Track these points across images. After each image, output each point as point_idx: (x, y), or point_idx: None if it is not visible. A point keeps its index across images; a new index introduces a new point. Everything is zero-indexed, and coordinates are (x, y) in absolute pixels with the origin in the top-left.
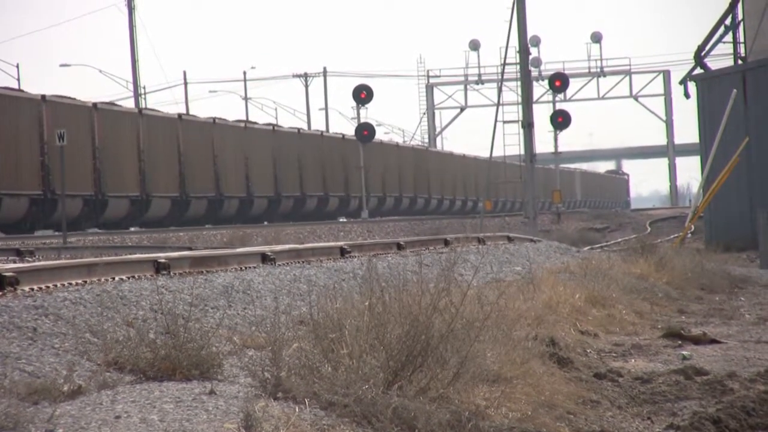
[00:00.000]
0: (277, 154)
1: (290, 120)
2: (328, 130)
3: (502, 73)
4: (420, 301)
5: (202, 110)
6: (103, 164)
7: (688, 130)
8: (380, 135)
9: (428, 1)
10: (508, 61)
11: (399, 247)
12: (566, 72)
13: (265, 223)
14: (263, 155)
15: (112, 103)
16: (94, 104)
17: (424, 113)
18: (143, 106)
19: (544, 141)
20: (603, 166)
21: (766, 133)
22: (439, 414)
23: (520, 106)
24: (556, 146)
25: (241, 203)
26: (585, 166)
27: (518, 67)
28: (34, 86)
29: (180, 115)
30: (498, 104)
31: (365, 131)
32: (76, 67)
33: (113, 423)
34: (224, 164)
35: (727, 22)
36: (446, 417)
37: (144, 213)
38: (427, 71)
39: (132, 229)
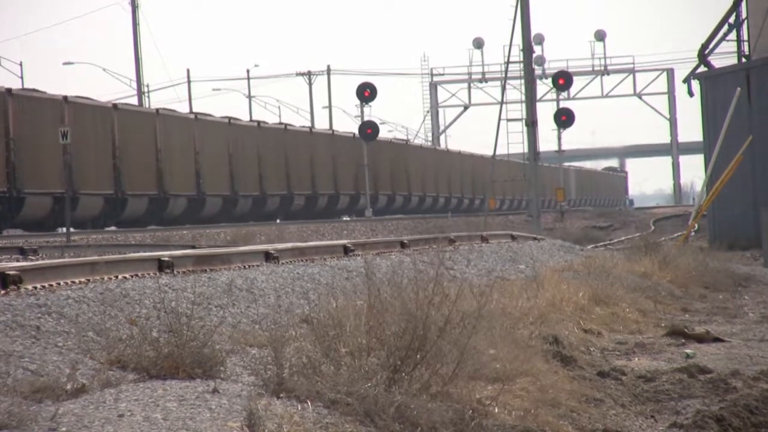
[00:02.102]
0: (233, 150)
1: (294, 118)
2: (331, 128)
3: (506, 71)
4: (417, 296)
5: (204, 108)
6: (19, 157)
7: (691, 129)
8: (383, 133)
9: None
10: (511, 59)
11: (402, 245)
12: (570, 70)
13: (223, 224)
14: (217, 150)
15: (34, 90)
16: (9, 90)
17: (428, 111)
18: (146, 104)
19: (547, 139)
20: (606, 165)
21: None
22: (441, 412)
23: (524, 105)
24: (559, 144)
25: (190, 202)
26: (588, 164)
27: (522, 65)
28: (37, 84)
29: (115, 105)
30: (501, 102)
31: (369, 129)
32: (80, 65)
33: (116, 421)
34: (169, 159)
35: (731, 20)
36: (449, 415)
37: (71, 212)
38: (431, 69)
39: (59, 230)
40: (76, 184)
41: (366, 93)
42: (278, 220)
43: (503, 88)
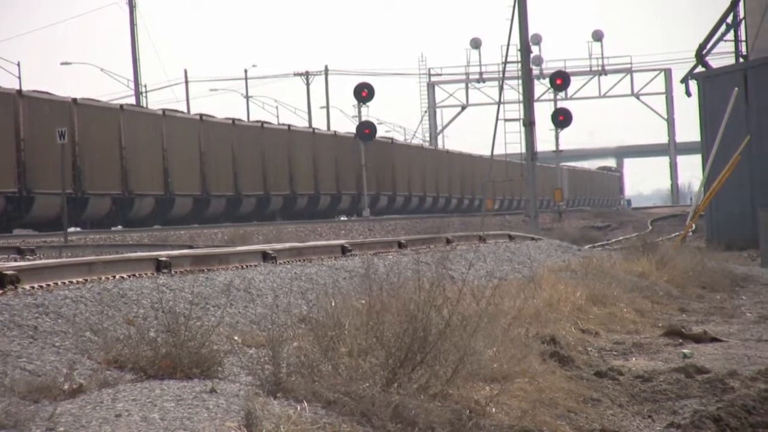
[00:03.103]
0: (205, 148)
1: (291, 118)
2: (329, 128)
3: (504, 71)
4: (417, 297)
5: (203, 108)
6: None
7: (689, 129)
8: (381, 133)
9: None
10: (509, 59)
11: (400, 245)
12: (567, 70)
13: (195, 225)
14: (188, 148)
15: None
16: None
17: (426, 111)
18: (144, 104)
19: (545, 140)
20: (604, 165)
21: (767, 131)
22: (439, 412)
23: (521, 105)
24: (557, 144)
25: (158, 202)
26: (586, 164)
27: (519, 65)
28: (35, 85)
29: (75, 100)
30: (499, 102)
31: (366, 130)
32: (77, 65)
33: (114, 421)
34: (135, 157)
35: (729, 20)
36: (447, 415)
37: (26, 212)
38: (429, 69)
39: (15, 231)
40: (32, 183)
41: (363, 93)
42: (255, 222)
43: (501, 88)
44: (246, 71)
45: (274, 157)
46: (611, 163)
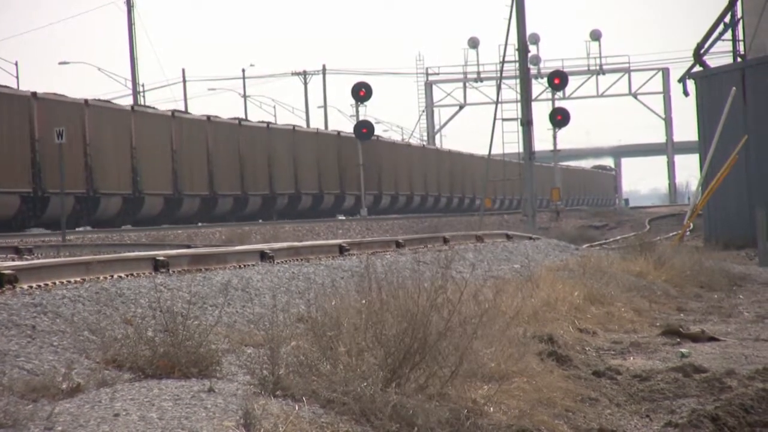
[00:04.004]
0: (177, 145)
1: (289, 118)
2: (326, 128)
3: (501, 70)
4: (417, 298)
5: (201, 108)
6: None
7: (687, 128)
8: (379, 133)
9: None
10: (507, 58)
11: (398, 245)
12: (565, 70)
13: (164, 225)
14: (158, 145)
15: None
16: None
17: (423, 111)
18: (142, 103)
19: (543, 139)
20: (602, 164)
21: (764, 131)
22: (438, 412)
23: (519, 104)
24: (555, 144)
25: (126, 202)
26: (583, 163)
27: (517, 64)
28: (33, 84)
29: (35, 94)
30: (497, 102)
31: (364, 129)
32: (75, 65)
33: (112, 421)
34: (101, 154)
35: (727, 19)
36: (445, 415)
37: None
38: (426, 69)
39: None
40: None
41: (361, 92)
42: (232, 222)
43: (499, 88)
44: (244, 71)
45: (253, 156)
46: (609, 162)
